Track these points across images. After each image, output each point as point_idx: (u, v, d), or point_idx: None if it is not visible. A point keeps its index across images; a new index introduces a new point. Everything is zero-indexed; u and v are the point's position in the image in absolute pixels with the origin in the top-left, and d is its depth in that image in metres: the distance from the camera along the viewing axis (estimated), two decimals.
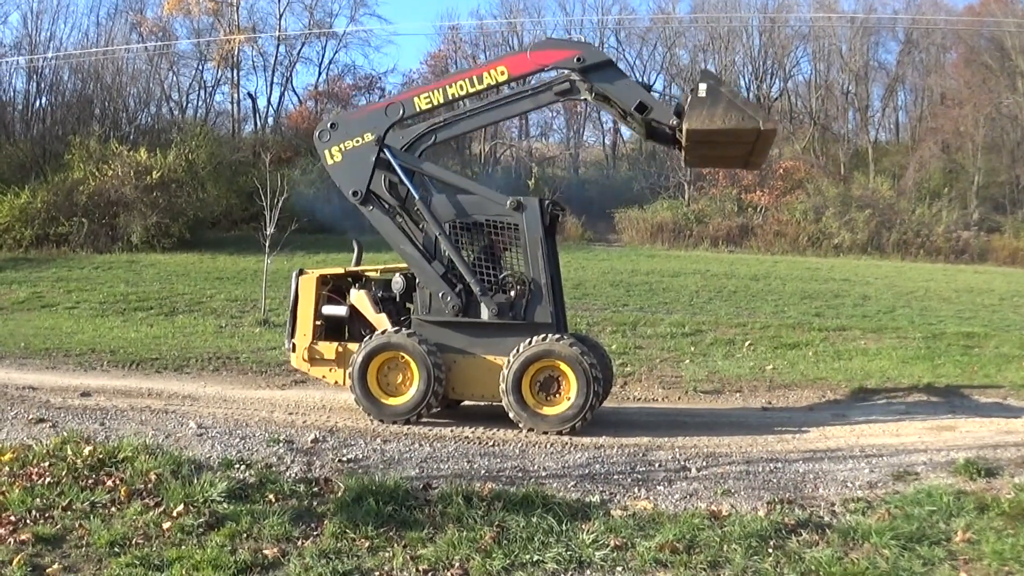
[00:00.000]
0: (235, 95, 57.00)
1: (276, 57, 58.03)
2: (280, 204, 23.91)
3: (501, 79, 13.14)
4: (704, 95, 12.33)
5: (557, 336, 12.62)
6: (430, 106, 13.35)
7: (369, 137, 13.33)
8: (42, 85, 50.06)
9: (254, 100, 58.98)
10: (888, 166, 53.81)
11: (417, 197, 13.29)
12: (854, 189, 49.62)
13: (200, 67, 57.11)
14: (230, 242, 39.96)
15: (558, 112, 62.25)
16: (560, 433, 12.33)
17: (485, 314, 13.00)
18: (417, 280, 13.50)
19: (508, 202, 13.13)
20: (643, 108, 12.99)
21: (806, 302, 28.08)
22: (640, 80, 13.36)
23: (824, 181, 49.85)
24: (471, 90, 13.22)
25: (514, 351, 12.57)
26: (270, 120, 58.80)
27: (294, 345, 13.66)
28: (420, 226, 13.60)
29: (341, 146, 13.47)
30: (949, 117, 53.05)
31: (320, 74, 61.13)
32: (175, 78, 56.82)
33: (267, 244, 24.34)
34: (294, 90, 61.57)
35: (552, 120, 63.79)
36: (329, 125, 13.65)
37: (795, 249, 45.65)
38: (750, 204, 49.59)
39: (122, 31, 54.24)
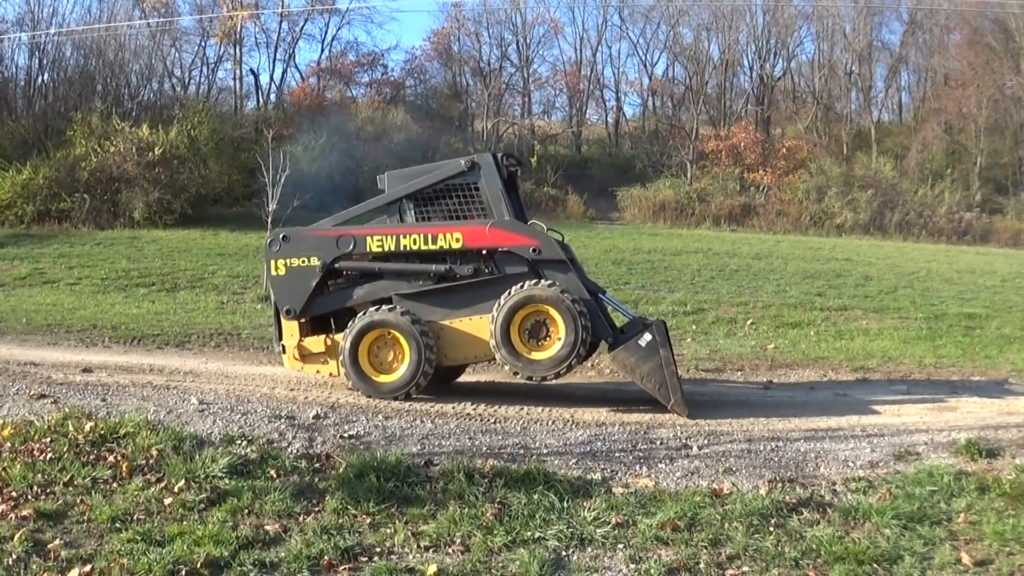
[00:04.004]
0: (237, 71, 56.77)
1: (279, 33, 57.87)
2: (282, 181, 23.91)
3: (455, 245, 13.07)
4: (643, 345, 12.47)
5: (534, 280, 12.68)
6: (380, 250, 13.34)
7: (315, 262, 13.43)
8: (44, 61, 49.79)
9: (256, 77, 58.82)
10: (891, 146, 53.65)
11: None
12: (857, 169, 49.48)
13: (203, 43, 56.93)
14: (232, 218, 39.94)
15: (561, 90, 62.20)
16: (558, 375, 12.56)
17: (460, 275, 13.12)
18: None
19: (463, 163, 13.32)
20: None
21: (808, 282, 28.07)
22: (590, 283, 13.34)
23: (827, 161, 49.66)
24: (422, 247, 13.16)
25: (496, 304, 12.62)
26: (272, 97, 58.56)
27: (283, 347, 13.70)
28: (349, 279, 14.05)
29: (287, 261, 13.54)
30: (952, 98, 52.88)
31: (323, 51, 60.91)
32: (177, 54, 56.65)
33: (269, 220, 24.33)
34: (297, 67, 61.38)
35: (555, 98, 63.75)
36: (281, 237, 13.66)
37: (797, 229, 45.60)
38: (752, 183, 49.47)
39: (124, 7, 53.90)
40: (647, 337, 12.44)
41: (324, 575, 7.30)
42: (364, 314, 13.07)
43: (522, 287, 12.59)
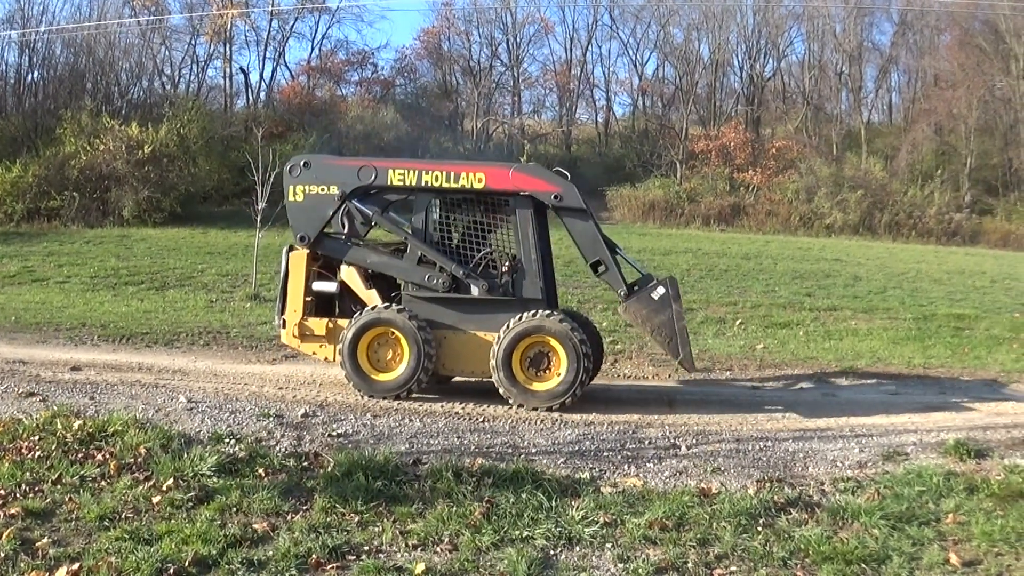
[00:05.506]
0: (227, 70, 56.71)
1: (269, 32, 57.74)
2: (272, 179, 23.85)
3: (477, 185, 13.14)
4: (656, 298, 12.69)
5: (547, 312, 12.66)
6: (401, 183, 13.33)
7: (334, 190, 13.40)
8: (34, 59, 49.69)
9: (246, 75, 58.76)
10: (881, 147, 53.70)
11: (373, 215, 13.48)
12: (846, 170, 49.46)
13: (193, 41, 56.71)
14: (221, 217, 39.88)
15: (551, 89, 62.22)
16: (550, 409, 12.40)
17: (475, 290, 13.03)
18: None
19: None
20: (597, 267, 13.40)
21: (797, 282, 28.07)
22: (606, 237, 13.34)
23: (816, 161, 49.62)
24: (444, 184, 13.19)
25: (504, 327, 12.62)
26: (262, 95, 58.49)
27: (284, 321, 13.64)
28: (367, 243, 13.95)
29: (306, 188, 13.51)
30: (942, 99, 52.91)
31: (313, 49, 60.91)
32: (167, 52, 56.40)
33: (258, 219, 24.31)
34: (287, 65, 61.33)
35: (545, 97, 63.77)
36: (302, 163, 13.65)
37: (787, 229, 45.54)
38: (742, 183, 49.47)
39: (114, 5, 53.74)
40: (660, 291, 12.61)
41: (312, 574, 7.29)
42: (371, 309, 13.09)
43: (534, 315, 12.63)
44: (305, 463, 9.85)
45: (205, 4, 56.45)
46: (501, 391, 12.65)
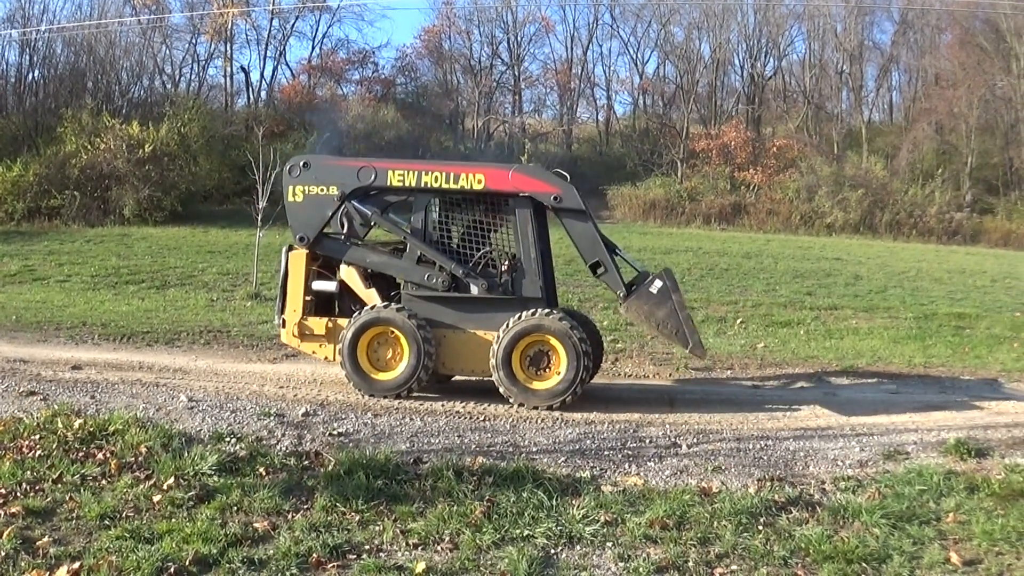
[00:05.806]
0: (228, 69, 56.75)
1: (269, 31, 57.72)
2: (272, 178, 23.84)
3: (476, 186, 13.11)
4: (654, 292, 12.66)
5: (547, 311, 12.65)
6: (400, 184, 13.29)
7: (334, 191, 13.36)
8: (35, 58, 49.72)
9: (247, 74, 58.73)
10: (881, 146, 53.64)
11: (372, 215, 13.44)
12: (847, 169, 49.41)
13: (193, 40, 56.68)
14: (222, 216, 39.89)
15: (551, 88, 62.19)
16: (550, 408, 12.39)
17: (474, 289, 13.03)
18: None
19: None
20: (596, 268, 13.41)
21: (798, 281, 28.07)
22: (605, 238, 13.32)
23: (817, 160, 49.59)
24: (443, 185, 13.16)
25: (504, 326, 12.61)
26: (263, 94, 58.49)
27: (284, 321, 13.63)
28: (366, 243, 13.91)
29: (306, 188, 13.47)
30: (943, 98, 52.86)
31: (313, 48, 60.92)
32: (168, 51, 56.36)
33: (259, 218, 24.30)
34: (287, 64, 61.31)
35: (545, 96, 63.74)
36: (302, 163, 13.60)
37: (787, 228, 45.50)
38: (743, 182, 49.45)
39: (115, 4, 53.72)
40: (658, 284, 12.61)
41: (313, 573, 7.28)
42: (371, 308, 13.07)
43: (533, 314, 12.62)
44: (306, 462, 9.84)
45: (206, 3, 56.50)
46: (501, 390, 12.64)
